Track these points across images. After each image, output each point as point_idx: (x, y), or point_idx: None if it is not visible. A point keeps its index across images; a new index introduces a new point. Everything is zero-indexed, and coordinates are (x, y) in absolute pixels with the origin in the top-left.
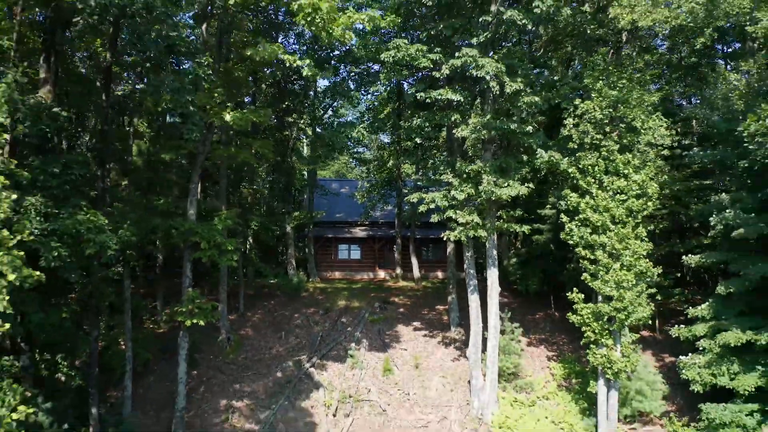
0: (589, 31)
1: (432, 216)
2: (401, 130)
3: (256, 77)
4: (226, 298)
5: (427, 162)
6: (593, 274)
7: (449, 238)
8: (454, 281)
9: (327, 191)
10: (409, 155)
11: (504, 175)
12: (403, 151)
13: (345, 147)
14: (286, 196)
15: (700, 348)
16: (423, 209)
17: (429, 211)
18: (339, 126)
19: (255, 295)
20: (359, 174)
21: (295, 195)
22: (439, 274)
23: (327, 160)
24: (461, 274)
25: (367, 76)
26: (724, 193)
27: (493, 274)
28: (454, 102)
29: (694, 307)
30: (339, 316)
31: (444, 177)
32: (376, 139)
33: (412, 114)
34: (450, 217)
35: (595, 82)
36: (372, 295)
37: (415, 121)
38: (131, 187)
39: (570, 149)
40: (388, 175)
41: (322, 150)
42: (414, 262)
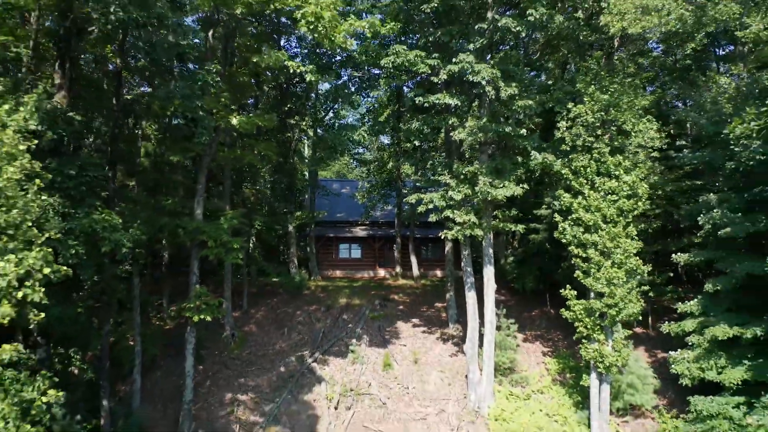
0: (582, 37)
1: (430, 216)
2: (401, 133)
3: (259, 80)
4: (231, 295)
5: (426, 163)
6: (585, 272)
7: (447, 237)
8: (452, 279)
9: (328, 191)
10: (408, 157)
11: (499, 176)
12: (403, 153)
13: (346, 149)
14: (288, 196)
15: (690, 344)
16: (422, 209)
17: (427, 211)
18: (340, 128)
19: (258, 293)
20: (359, 174)
21: (297, 195)
22: (438, 272)
23: (328, 161)
24: (459, 272)
25: (367, 80)
26: (712, 194)
27: (489, 272)
28: (451, 106)
29: (684, 303)
30: (340, 313)
31: (442, 178)
32: (376, 140)
33: (411, 117)
34: (448, 217)
35: (587, 86)
36: (372, 292)
37: (414, 124)
38: (139, 188)
39: (563, 151)
40: (388, 175)
41: (324, 152)
42: (413, 260)
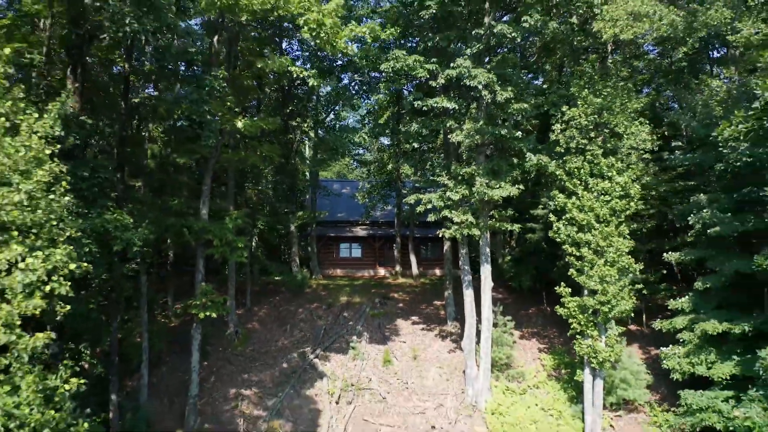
0: (576, 42)
1: (429, 216)
2: (400, 135)
3: (261, 82)
4: (234, 294)
5: (425, 164)
6: (579, 270)
7: (445, 236)
8: (451, 278)
9: (329, 192)
10: (408, 158)
11: (496, 177)
12: (402, 154)
13: (347, 150)
14: (290, 196)
15: (681, 340)
16: (420, 209)
17: (426, 211)
18: (341, 130)
19: (261, 292)
20: (360, 175)
21: (298, 195)
22: (437, 271)
23: (329, 162)
24: (458, 271)
25: (368, 83)
26: (702, 194)
27: (486, 270)
28: (449, 109)
29: (675, 300)
30: (341, 311)
31: (440, 179)
32: (376, 141)
33: (410, 119)
34: (446, 217)
35: (581, 90)
36: (372, 291)
37: (413, 126)
38: (145, 189)
39: (558, 153)
40: (388, 176)
41: (325, 153)
42: (413, 259)
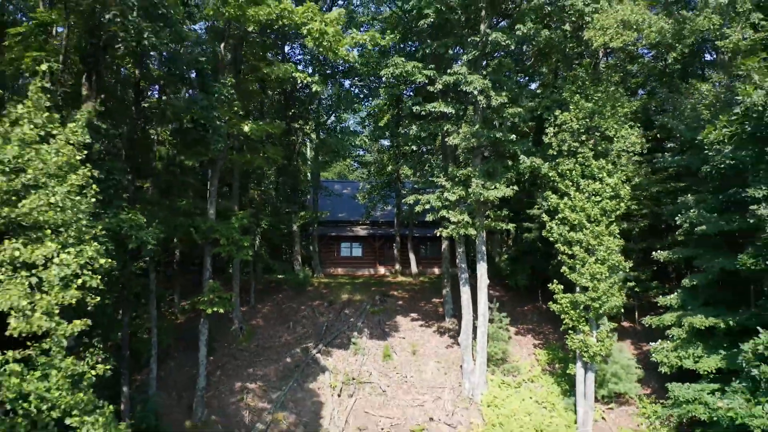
0: (568, 50)
1: (427, 215)
2: (399, 137)
3: (264, 86)
4: (239, 291)
5: (424, 165)
6: (571, 267)
7: (442, 235)
8: (449, 276)
9: (330, 192)
10: (407, 159)
11: (491, 179)
12: (402, 155)
13: (348, 152)
14: (292, 197)
15: (671, 336)
16: (419, 209)
17: (425, 211)
18: (343, 133)
19: (264, 290)
20: (360, 176)
21: (300, 196)
22: (436, 270)
23: (331, 163)
24: (455, 269)
25: (368, 88)
26: (690, 195)
27: (482, 268)
28: (447, 113)
29: (664, 297)
30: (342, 308)
31: (438, 180)
32: (376, 143)
33: (409, 123)
34: (443, 217)
35: (573, 95)
36: (373, 289)
37: (412, 130)
38: (154, 190)
39: (551, 155)
40: (388, 177)
41: (327, 155)
42: (412, 258)
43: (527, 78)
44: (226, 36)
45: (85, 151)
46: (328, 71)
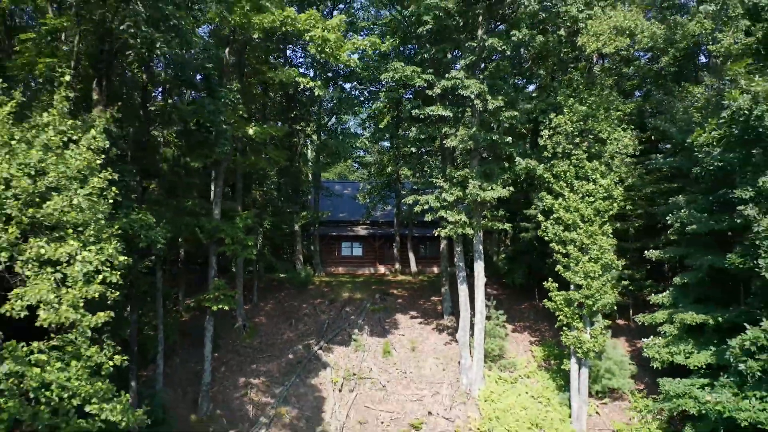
0: (562, 54)
1: (426, 216)
2: (399, 139)
3: (267, 88)
4: (242, 290)
5: (423, 166)
6: (566, 266)
7: (441, 234)
8: (447, 275)
9: (331, 193)
10: (406, 161)
11: (488, 180)
12: (402, 157)
13: (349, 154)
14: (294, 197)
15: (662, 332)
16: (418, 210)
17: (424, 211)
18: (344, 135)
19: (266, 288)
20: (361, 176)
21: (302, 196)
22: (435, 269)
23: (332, 164)
24: (454, 268)
25: (369, 91)
26: (680, 195)
27: (479, 267)
28: (445, 116)
29: (656, 295)
30: (343, 306)
31: (436, 181)
32: (376, 144)
33: (408, 125)
34: (442, 217)
35: (567, 99)
36: (373, 287)
37: (411, 132)
38: (160, 190)
39: (546, 157)
40: (388, 178)
41: (329, 157)
42: (411, 257)
43: (524, 80)
44: (230, 41)
45: (104, 156)
46: (329, 75)
